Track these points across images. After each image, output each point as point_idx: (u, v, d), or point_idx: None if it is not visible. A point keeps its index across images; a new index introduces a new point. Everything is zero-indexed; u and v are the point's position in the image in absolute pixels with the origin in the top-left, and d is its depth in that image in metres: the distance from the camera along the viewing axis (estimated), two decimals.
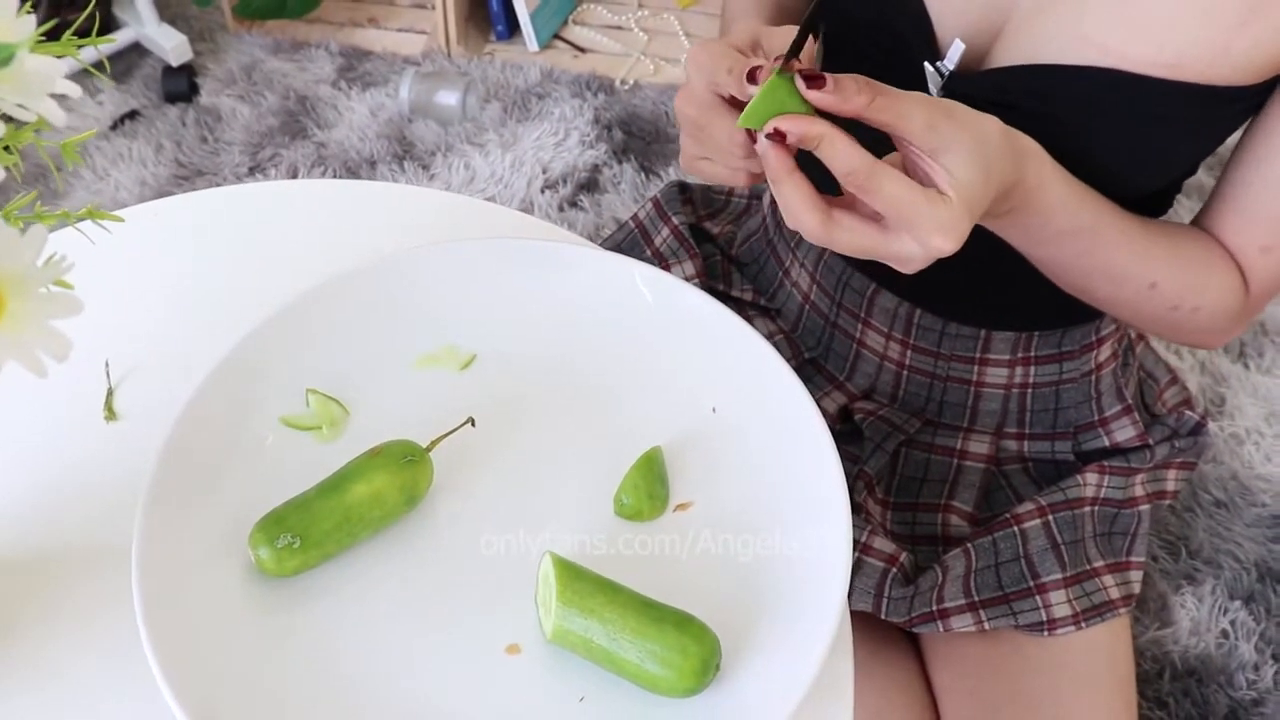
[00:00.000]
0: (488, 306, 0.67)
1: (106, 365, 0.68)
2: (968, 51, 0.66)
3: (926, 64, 0.67)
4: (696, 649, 0.51)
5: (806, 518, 0.58)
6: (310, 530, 0.55)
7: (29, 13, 0.31)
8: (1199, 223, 0.71)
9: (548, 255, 0.68)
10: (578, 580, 0.53)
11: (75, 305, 0.35)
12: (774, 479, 0.61)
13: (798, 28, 0.53)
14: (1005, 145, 0.55)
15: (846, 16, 0.73)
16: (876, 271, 0.80)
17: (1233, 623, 1.22)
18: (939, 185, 0.52)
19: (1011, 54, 0.65)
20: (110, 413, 0.66)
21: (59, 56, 0.33)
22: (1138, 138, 0.65)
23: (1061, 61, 0.63)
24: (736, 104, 0.55)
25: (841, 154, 0.51)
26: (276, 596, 0.56)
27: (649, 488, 0.60)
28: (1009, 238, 0.64)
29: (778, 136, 0.51)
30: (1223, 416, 1.44)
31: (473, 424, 0.61)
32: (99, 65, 1.46)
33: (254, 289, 0.68)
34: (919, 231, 0.51)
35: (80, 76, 1.86)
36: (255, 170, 1.75)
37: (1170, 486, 0.86)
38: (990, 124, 0.54)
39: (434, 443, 0.59)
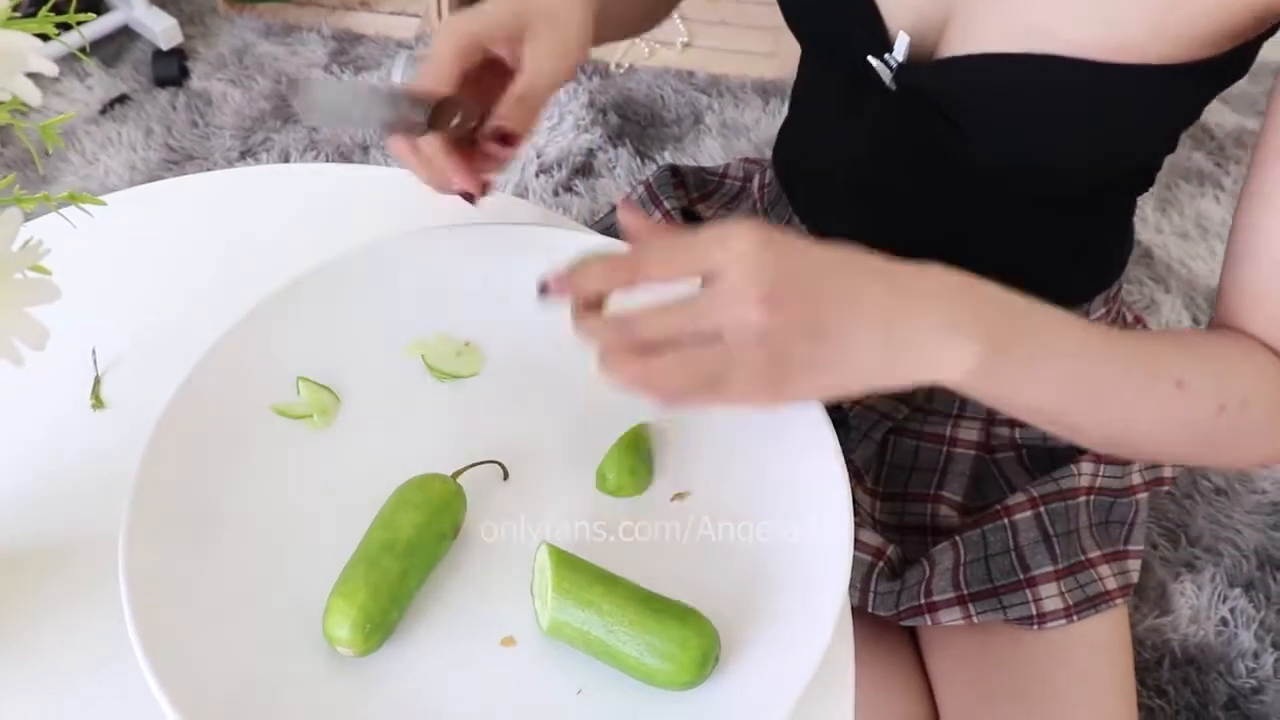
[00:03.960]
0: (480, 292, 0.66)
1: (94, 353, 0.67)
2: (917, 44, 0.65)
3: (872, 58, 0.66)
4: (696, 641, 0.50)
5: (806, 505, 0.57)
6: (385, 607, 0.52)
7: None
8: (1213, 325, 0.64)
9: (539, 239, 0.67)
10: (574, 571, 0.52)
11: (52, 292, 0.33)
12: (773, 466, 0.60)
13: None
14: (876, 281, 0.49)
15: (797, 9, 0.72)
16: None
17: (1232, 610, 1.22)
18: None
19: (957, 45, 0.64)
20: (98, 401, 0.65)
21: (37, 36, 0.32)
22: (1091, 123, 0.64)
23: (1005, 50, 0.62)
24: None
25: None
26: (264, 585, 0.55)
27: (630, 464, 0.59)
28: (998, 398, 0.54)
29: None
30: None
31: (505, 475, 0.59)
32: (82, 49, 1.44)
33: (243, 275, 0.67)
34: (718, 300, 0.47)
35: (70, 61, 1.84)
36: (246, 155, 1.74)
37: (1168, 473, 0.85)
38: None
39: (458, 473, 0.58)
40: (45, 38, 0.38)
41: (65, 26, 0.39)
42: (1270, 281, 0.59)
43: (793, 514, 0.57)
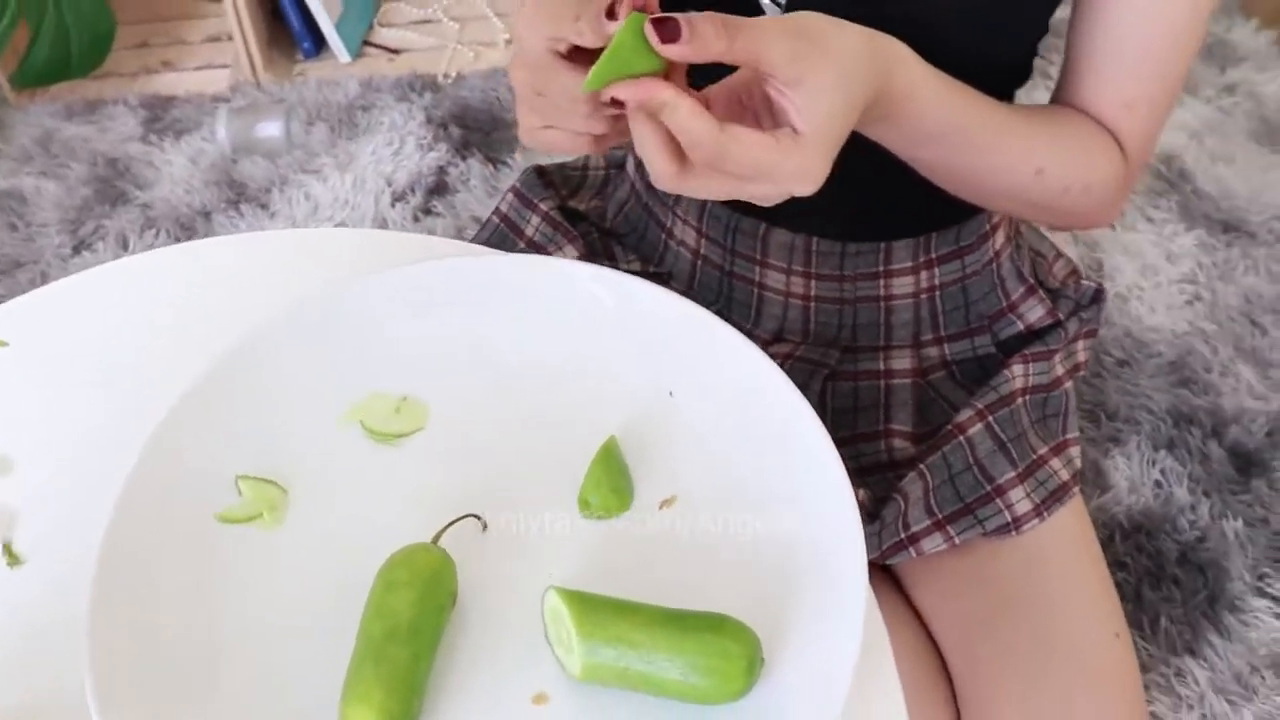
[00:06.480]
0: (404, 340, 0.62)
1: None
2: None
3: None
4: (738, 649, 0.48)
5: (800, 483, 0.56)
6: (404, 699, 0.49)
7: None
8: (1058, 100, 0.72)
9: (452, 273, 0.64)
10: (593, 609, 0.49)
11: None
12: (754, 452, 0.58)
13: None
14: (868, 58, 0.54)
15: None
16: (765, 210, 0.78)
17: (1163, 472, 1.27)
18: (794, 124, 0.51)
19: None
20: (12, 558, 0.58)
21: None
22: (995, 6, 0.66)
23: None
24: (579, 59, 0.52)
25: (685, 124, 0.49)
26: (261, 712, 0.50)
27: (610, 481, 0.57)
28: (884, 142, 0.63)
29: (615, 105, 0.50)
30: (1104, 279, 1.49)
31: (484, 526, 0.56)
32: None
33: (146, 378, 0.61)
34: (776, 182, 0.51)
35: None
36: (81, 248, 1.62)
37: (1081, 357, 0.88)
38: (852, 38, 0.53)
39: (437, 536, 0.54)
40: None
41: None
42: (1116, 68, 0.67)
43: (786, 497, 0.56)
